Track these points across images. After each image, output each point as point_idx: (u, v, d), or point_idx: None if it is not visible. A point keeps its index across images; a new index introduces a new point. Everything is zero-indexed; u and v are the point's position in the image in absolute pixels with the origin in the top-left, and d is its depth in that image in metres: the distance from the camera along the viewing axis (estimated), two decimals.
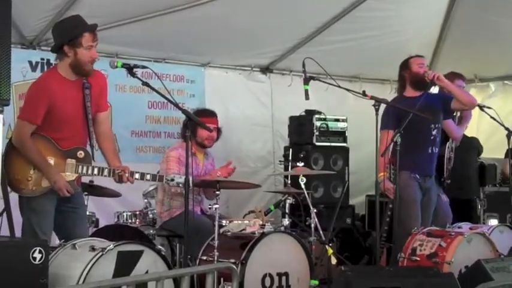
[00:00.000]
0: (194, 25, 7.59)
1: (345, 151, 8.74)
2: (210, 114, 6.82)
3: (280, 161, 8.37)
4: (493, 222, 7.77)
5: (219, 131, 6.88)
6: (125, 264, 4.55)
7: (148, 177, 5.18)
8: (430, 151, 6.50)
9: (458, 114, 7.16)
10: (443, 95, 6.57)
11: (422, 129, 6.34)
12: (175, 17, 7.32)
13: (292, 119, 8.78)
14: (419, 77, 6.54)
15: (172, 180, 5.17)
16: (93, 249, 4.56)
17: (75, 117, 5.08)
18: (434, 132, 6.50)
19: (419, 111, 5.96)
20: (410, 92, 6.63)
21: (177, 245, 6.35)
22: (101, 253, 4.48)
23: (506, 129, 6.84)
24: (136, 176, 5.14)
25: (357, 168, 8.74)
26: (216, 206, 5.62)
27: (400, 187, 5.99)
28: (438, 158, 6.72)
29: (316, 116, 8.61)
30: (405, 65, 6.70)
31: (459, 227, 6.60)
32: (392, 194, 6.08)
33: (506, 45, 8.78)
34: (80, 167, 5.08)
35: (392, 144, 5.78)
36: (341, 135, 8.78)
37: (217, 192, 5.70)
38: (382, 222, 5.61)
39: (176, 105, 5.14)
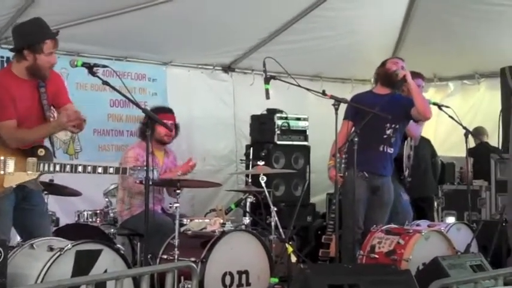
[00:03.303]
0: (156, 23, 7.58)
1: (306, 150, 8.79)
2: (167, 111, 6.81)
3: (241, 160, 8.38)
4: (451, 220, 7.87)
5: (176, 127, 6.86)
6: (84, 263, 4.53)
7: (111, 170, 5.14)
8: (381, 149, 6.45)
9: None
10: (406, 101, 6.51)
11: (376, 127, 6.27)
12: (136, 16, 7.29)
13: (254, 117, 8.81)
14: (388, 74, 6.54)
15: (134, 171, 5.12)
16: (51, 249, 4.53)
17: (31, 116, 5.03)
18: (388, 132, 6.45)
19: (379, 110, 6.00)
20: (378, 89, 6.62)
21: (138, 243, 6.34)
22: (59, 253, 4.45)
23: (464, 128, 6.89)
24: (99, 170, 5.09)
25: (318, 166, 8.76)
26: (177, 204, 5.62)
27: (346, 184, 6.04)
28: (397, 156, 6.76)
29: (278, 114, 8.65)
30: (383, 63, 6.72)
31: (417, 225, 6.65)
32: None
33: (465, 46, 8.88)
34: (42, 164, 5.03)
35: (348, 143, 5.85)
36: (302, 133, 8.83)
37: (178, 191, 5.69)
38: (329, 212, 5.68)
39: (136, 103, 5.15)
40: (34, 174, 5.03)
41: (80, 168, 5.05)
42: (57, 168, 5.05)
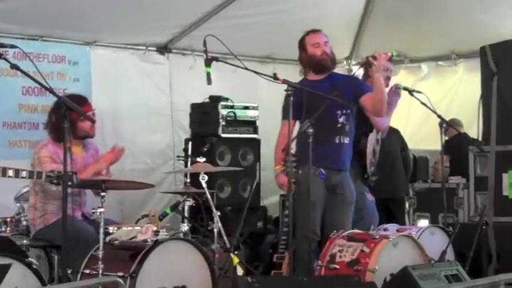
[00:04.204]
0: None
1: (255, 144, 8.82)
2: (84, 100, 6.70)
3: (178, 157, 8.36)
4: (424, 223, 7.96)
5: None
6: None
7: (24, 174, 5.08)
8: (337, 141, 6.47)
9: None
10: (356, 83, 6.56)
11: (327, 116, 6.22)
12: None
13: (194, 106, 8.80)
14: (315, 61, 6.53)
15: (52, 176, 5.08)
16: None
17: None
18: (341, 120, 6.46)
19: (327, 96, 6.03)
20: (312, 76, 6.64)
21: (56, 256, 6.27)
22: None
23: (439, 117, 6.93)
24: (10, 173, 5.03)
25: (269, 163, 8.72)
26: (101, 210, 5.57)
27: (299, 184, 6.05)
28: (360, 151, 6.80)
29: (222, 103, 8.66)
30: (301, 45, 6.65)
31: (385, 229, 6.71)
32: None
33: (441, 21, 8.97)
34: None
35: (297, 136, 5.88)
36: (251, 125, 8.87)
37: (103, 194, 5.64)
38: (281, 224, 5.70)
39: (51, 91, 5.14)
40: None
41: None
42: None
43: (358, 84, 6.56)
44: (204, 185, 6.24)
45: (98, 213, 5.57)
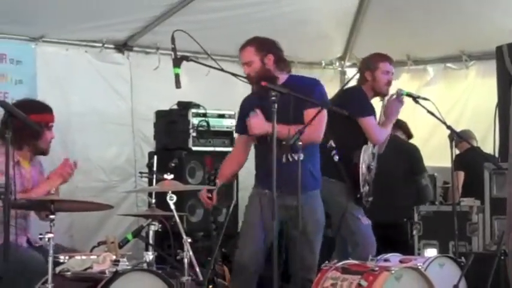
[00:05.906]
0: None
1: None
2: (47, 109, 6.66)
3: (141, 173, 8.34)
4: (431, 252, 7.96)
5: None
6: None
7: None
8: (284, 160, 6.39)
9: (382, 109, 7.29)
10: (307, 90, 6.37)
11: None
12: None
13: (160, 114, 8.83)
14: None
15: None
16: None
17: None
18: None
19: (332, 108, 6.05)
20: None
21: None
22: None
23: (449, 128, 6.97)
24: None
25: (249, 181, 8.77)
26: (50, 235, 5.53)
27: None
28: (352, 167, 6.84)
29: (193, 110, 8.69)
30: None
31: (386, 260, 6.71)
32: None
33: (450, 16, 9.03)
34: None
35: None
36: (227, 136, 8.92)
37: (52, 217, 5.60)
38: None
39: None
40: None
41: None
42: None
43: (309, 91, 6.39)
44: (172, 207, 6.22)
45: (47, 239, 5.53)
